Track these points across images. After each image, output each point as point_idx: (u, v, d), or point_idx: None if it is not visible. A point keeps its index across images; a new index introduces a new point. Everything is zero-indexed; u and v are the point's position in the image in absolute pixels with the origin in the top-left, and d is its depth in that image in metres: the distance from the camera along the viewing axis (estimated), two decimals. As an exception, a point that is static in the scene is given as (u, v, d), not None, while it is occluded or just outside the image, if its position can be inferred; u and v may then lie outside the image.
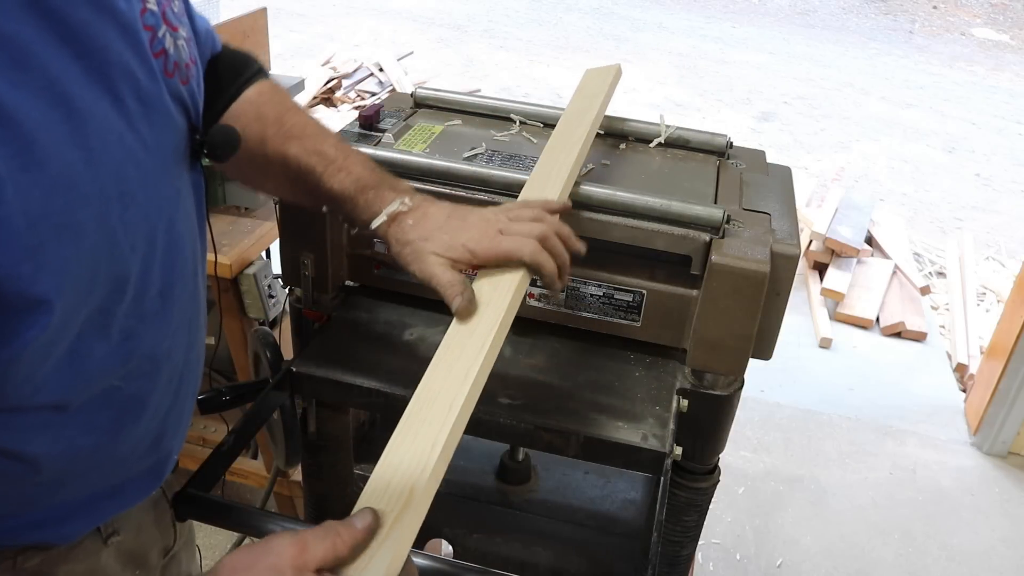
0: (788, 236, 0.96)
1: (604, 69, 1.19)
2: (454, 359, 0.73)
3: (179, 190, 0.70)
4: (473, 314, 0.77)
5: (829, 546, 2.11)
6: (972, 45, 7.32)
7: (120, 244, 0.60)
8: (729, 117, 5.20)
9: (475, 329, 0.76)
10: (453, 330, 0.77)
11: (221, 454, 0.89)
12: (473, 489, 1.21)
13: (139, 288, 0.64)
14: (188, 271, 0.73)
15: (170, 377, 0.74)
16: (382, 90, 4.58)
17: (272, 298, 1.63)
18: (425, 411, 0.68)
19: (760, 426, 2.50)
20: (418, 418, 0.68)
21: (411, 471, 0.63)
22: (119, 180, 0.59)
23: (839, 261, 3.27)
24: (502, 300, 0.78)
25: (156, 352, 0.70)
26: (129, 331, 0.65)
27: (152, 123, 0.63)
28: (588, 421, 0.90)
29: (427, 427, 0.66)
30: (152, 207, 0.64)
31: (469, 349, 0.74)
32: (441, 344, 0.75)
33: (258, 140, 0.84)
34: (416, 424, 0.67)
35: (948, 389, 2.78)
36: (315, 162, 0.83)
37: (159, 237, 0.66)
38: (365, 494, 0.62)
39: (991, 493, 2.34)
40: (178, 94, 0.67)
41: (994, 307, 3.19)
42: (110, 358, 0.64)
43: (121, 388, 0.67)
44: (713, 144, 1.17)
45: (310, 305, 1.06)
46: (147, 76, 0.62)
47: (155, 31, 0.63)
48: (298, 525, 0.89)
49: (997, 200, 4.36)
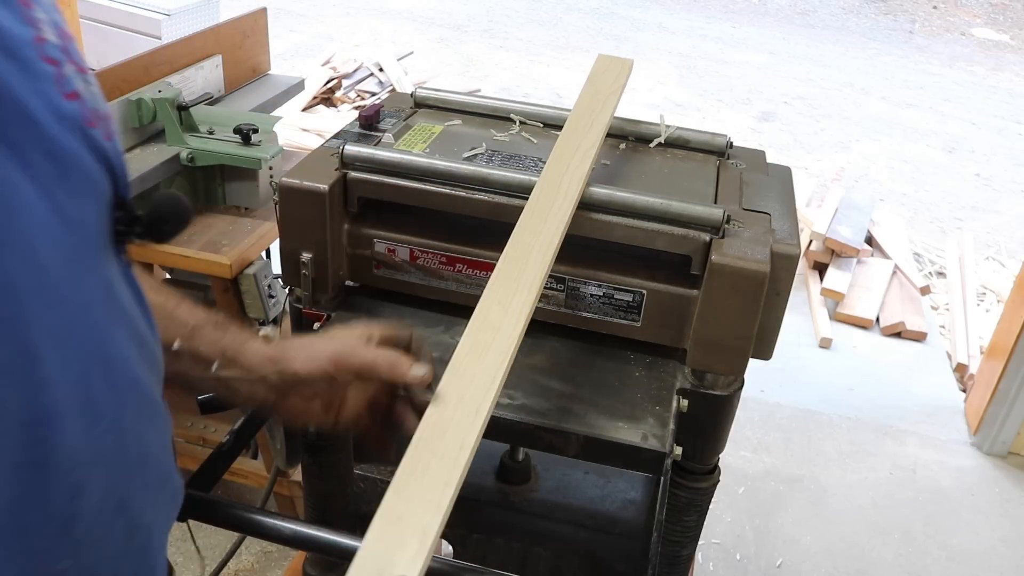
0: (788, 236, 0.96)
1: (617, 60, 1.18)
2: (464, 387, 0.71)
3: (110, 284, 0.53)
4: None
5: (829, 546, 2.11)
6: (972, 45, 7.31)
7: (42, 362, 0.44)
8: (729, 117, 5.19)
9: (486, 354, 0.74)
10: (463, 352, 0.74)
11: (221, 454, 0.89)
12: (473, 489, 1.21)
13: (74, 427, 0.47)
14: (137, 400, 0.55)
15: (131, 534, 0.55)
16: (382, 90, 4.58)
17: (272, 298, 1.63)
18: (435, 442, 0.67)
19: (760, 426, 2.50)
20: (428, 448, 0.67)
21: (422, 508, 0.62)
22: (33, 268, 0.44)
23: (839, 261, 3.27)
24: (513, 326, 0.76)
25: (108, 516, 0.52)
26: (74, 486, 0.48)
27: (71, 188, 0.47)
28: (588, 421, 0.90)
29: (438, 461, 0.65)
30: (79, 306, 0.48)
31: (480, 379, 0.71)
32: (448, 368, 0.73)
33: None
34: (427, 456, 0.66)
35: (948, 389, 2.78)
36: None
37: (92, 350, 0.49)
38: (375, 526, 0.60)
39: (991, 493, 2.34)
40: (102, 152, 0.50)
41: (994, 307, 3.19)
42: (47, 535, 0.47)
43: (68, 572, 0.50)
44: (713, 144, 1.17)
45: (310, 305, 1.06)
46: (57, 124, 0.46)
47: (59, 66, 0.47)
48: (298, 525, 0.89)
49: (997, 200, 4.36)
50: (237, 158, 1.59)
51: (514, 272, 0.81)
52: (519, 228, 0.86)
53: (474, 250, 1.00)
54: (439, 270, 1.02)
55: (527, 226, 0.86)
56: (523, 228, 0.86)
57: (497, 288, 0.79)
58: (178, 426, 1.87)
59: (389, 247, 1.02)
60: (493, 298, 0.78)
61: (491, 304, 0.78)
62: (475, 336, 0.75)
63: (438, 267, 1.02)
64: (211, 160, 1.60)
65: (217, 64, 1.86)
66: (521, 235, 0.85)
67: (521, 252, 0.83)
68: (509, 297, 0.78)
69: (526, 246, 0.83)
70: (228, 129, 1.62)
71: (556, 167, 0.96)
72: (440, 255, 1.01)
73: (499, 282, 0.80)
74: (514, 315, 0.76)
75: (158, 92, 1.60)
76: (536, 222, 0.87)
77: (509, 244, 0.84)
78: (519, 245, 0.84)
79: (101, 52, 3.50)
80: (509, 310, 0.77)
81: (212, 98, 1.83)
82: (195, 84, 1.79)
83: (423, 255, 1.02)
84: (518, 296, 0.78)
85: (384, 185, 1.00)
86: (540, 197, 0.91)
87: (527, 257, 0.82)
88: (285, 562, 1.88)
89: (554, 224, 0.86)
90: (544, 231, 0.85)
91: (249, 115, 1.72)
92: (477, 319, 0.77)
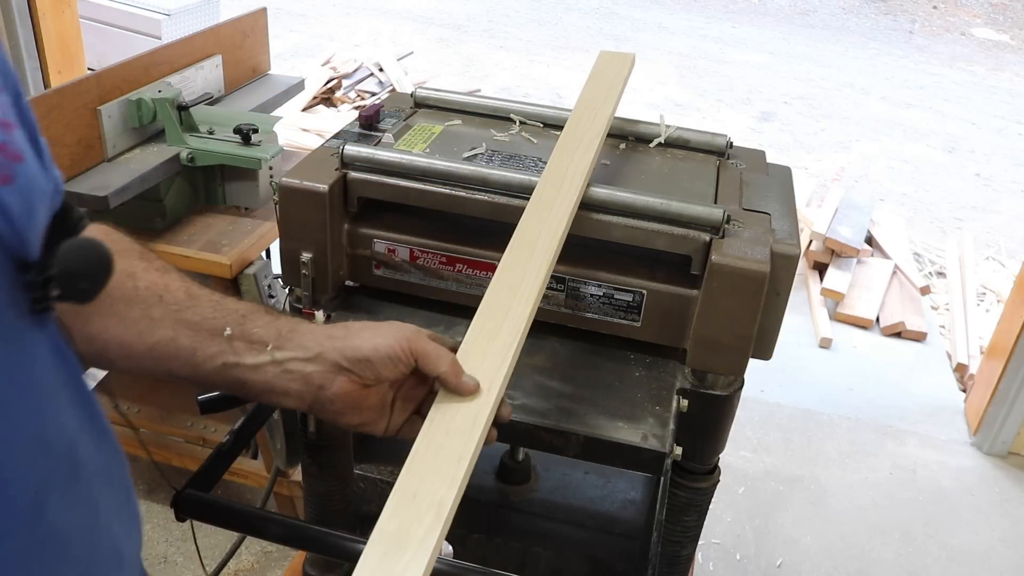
0: (788, 236, 0.96)
1: (619, 56, 1.19)
2: (476, 366, 0.72)
3: (28, 356, 0.45)
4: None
5: (829, 546, 2.11)
6: (972, 45, 7.31)
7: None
8: (729, 117, 5.19)
9: (497, 335, 0.75)
10: (474, 334, 0.76)
11: (221, 454, 0.90)
12: (473, 489, 1.20)
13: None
14: (74, 486, 0.49)
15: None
16: (382, 90, 4.58)
17: (272, 298, 1.63)
18: (448, 421, 0.68)
19: (760, 426, 2.50)
20: (441, 428, 0.67)
21: (437, 485, 0.63)
22: None
23: (839, 261, 3.27)
24: (522, 308, 0.77)
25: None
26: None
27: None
28: (588, 421, 0.90)
29: (451, 439, 0.66)
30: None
31: (492, 357, 0.73)
32: (460, 350, 0.74)
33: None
34: (440, 435, 0.67)
35: (948, 389, 2.78)
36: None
37: (18, 437, 0.43)
38: (391, 504, 0.61)
39: (991, 493, 2.34)
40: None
41: (994, 307, 3.19)
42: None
43: None
44: (713, 144, 1.17)
45: (310, 305, 1.06)
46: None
47: None
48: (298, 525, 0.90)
49: (997, 200, 4.36)
50: (237, 158, 1.59)
51: (522, 258, 0.82)
52: (526, 216, 0.88)
53: (474, 250, 1.00)
54: (439, 270, 1.02)
55: (534, 214, 0.88)
56: (530, 216, 0.88)
57: (506, 274, 0.81)
58: (178, 426, 1.87)
59: (389, 247, 1.02)
60: (503, 283, 0.80)
61: (501, 288, 0.79)
62: (486, 318, 0.77)
63: (438, 267, 1.02)
64: (211, 160, 1.60)
65: (217, 64, 1.86)
66: (528, 222, 0.87)
67: (528, 239, 0.84)
68: (518, 282, 0.79)
69: (533, 232, 0.85)
70: (228, 129, 1.62)
71: (560, 159, 0.96)
72: (440, 255, 1.01)
73: (508, 268, 0.81)
74: (523, 298, 0.78)
75: (158, 92, 1.60)
76: (542, 211, 0.88)
77: (516, 232, 0.85)
78: (526, 231, 0.85)
79: (101, 52, 3.50)
80: (518, 294, 0.78)
81: (212, 98, 1.83)
82: (195, 84, 1.79)
83: (423, 255, 1.02)
84: (527, 280, 0.79)
85: (384, 185, 1.00)
86: (545, 188, 0.92)
87: (534, 244, 0.83)
88: (285, 562, 1.88)
89: (560, 212, 0.87)
90: (549, 219, 0.87)
91: (249, 115, 1.72)
92: (487, 303, 0.78)
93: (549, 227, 0.85)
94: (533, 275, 0.79)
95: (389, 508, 0.61)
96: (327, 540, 0.86)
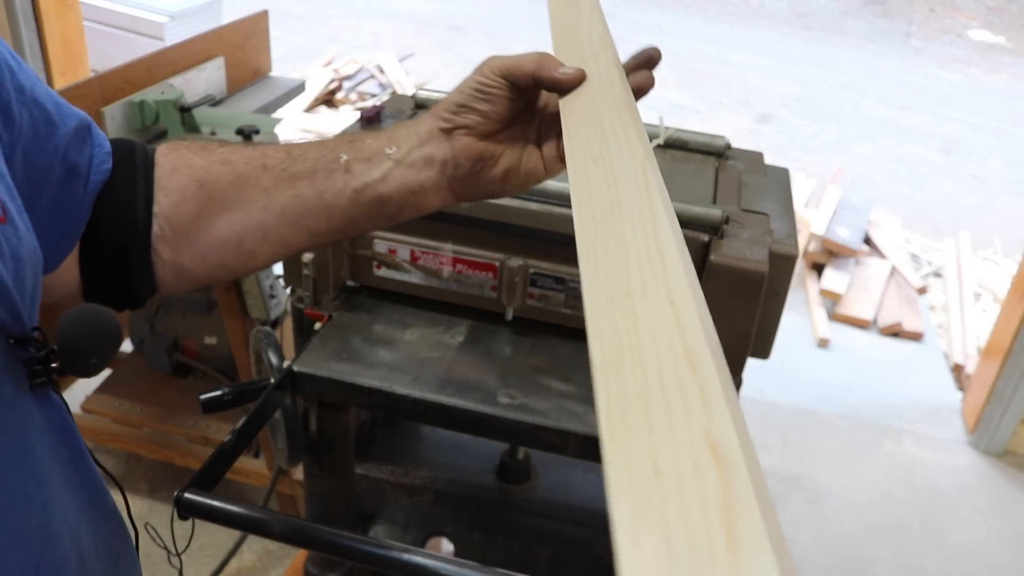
0: (786, 237, 0.97)
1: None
2: (573, 52, 0.65)
3: (27, 441, 0.42)
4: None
5: (827, 544, 2.12)
6: (968, 47, 7.33)
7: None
8: (727, 119, 5.21)
9: (578, 28, 0.67)
10: (556, 29, 0.66)
11: (223, 453, 0.90)
12: (473, 488, 1.21)
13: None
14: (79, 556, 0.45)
15: None
16: (383, 91, 4.59)
17: (274, 298, 1.64)
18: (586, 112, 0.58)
19: (758, 425, 2.51)
20: (583, 120, 0.58)
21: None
22: None
23: (837, 261, 3.28)
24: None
25: None
26: None
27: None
28: (588, 421, 0.91)
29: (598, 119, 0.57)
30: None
31: (583, 36, 0.68)
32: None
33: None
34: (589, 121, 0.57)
35: (945, 388, 2.79)
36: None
37: (21, 530, 0.40)
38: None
39: (988, 491, 2.35)
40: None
41: (991, 307, 3.21)
42: None
43: None
44: (712, 145, 1.18)
45: (312, 305, 1.07)
46: None
47: None
48: (300, 523, 0.90)
49: (994, 201, 4.37)
50: (238, 159, 1.60)
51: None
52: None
53: (474, 250, 1.01)
54: (439, 270, 1.03)
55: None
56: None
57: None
58: (180, 425, 1.88)
59: (390, 247, 1.03)
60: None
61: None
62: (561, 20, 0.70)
63: (438, 267, 1.03)
64: (213, 161, 1.61)
65: (219, 66, 1.87)
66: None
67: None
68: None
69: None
70: (230, 130, 1.63)
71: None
72: (440, 255, 1.02)
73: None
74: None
75: (161, 94, 1.61)
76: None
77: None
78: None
79: (104, 54, 3.51)
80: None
81: (214, 100, 1.84)
82: (197, 86, 1.80)
83: (423, 255, 1.03)
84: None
85: (386, 186, 1.01)
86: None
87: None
88: (287, 560, 1.89)
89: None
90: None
91: (251, 116, 1.73)
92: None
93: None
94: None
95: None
96: (328, 538, 0.87)
